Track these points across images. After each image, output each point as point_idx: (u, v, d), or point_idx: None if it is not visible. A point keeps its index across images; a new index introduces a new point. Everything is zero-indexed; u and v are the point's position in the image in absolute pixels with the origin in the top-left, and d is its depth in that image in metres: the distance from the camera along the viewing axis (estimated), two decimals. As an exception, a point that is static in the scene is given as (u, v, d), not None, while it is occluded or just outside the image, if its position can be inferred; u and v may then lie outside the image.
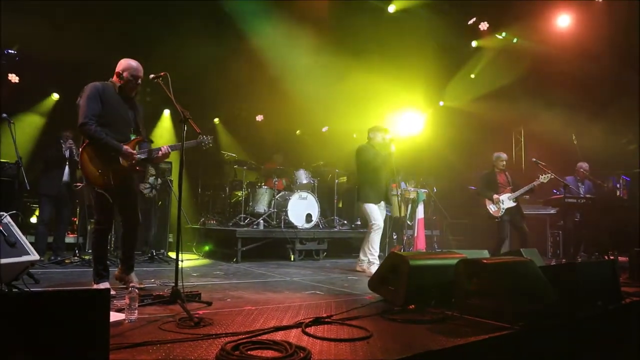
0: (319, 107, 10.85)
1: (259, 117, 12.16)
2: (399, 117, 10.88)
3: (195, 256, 8.20)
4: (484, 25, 9.74)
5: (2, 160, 7.08)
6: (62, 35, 7.45)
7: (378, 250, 6.28)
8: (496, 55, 10.14)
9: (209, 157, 9.53)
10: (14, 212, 4.18)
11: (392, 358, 2.28)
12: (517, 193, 6.99)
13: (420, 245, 8.33)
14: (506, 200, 6.99)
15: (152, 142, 7.46)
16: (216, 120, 11.68)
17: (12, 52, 8.60)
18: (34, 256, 4.03)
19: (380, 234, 6.19)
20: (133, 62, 4.10)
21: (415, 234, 8.44)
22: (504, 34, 9.92)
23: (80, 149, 4.01)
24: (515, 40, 9.88)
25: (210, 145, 4.19)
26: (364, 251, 6.24)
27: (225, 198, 9.09)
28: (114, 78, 4.10)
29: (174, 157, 8.27)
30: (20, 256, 3.86)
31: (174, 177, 7.32)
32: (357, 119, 11.45)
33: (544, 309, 3.14)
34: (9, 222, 3.98)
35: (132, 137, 4.12)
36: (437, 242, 10.37)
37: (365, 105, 10.68)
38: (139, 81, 4.10)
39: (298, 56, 9.14)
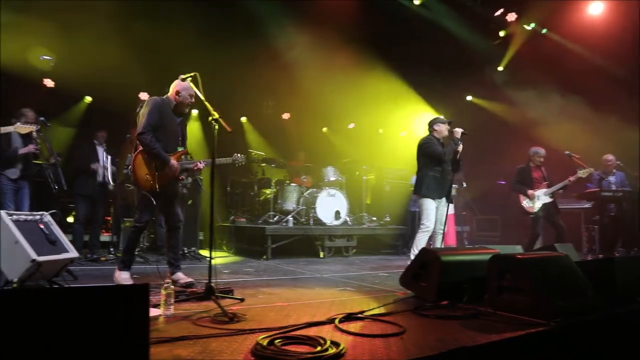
0: (345, 104, 10.83)
1: (286, 115, 12.21)
2: (425, 112, 10.80)
3: (225, 253, 8.31)
4: (511, 16, 9.54)
5: (38, 161, 7.31)
6: (94, 40, 7.63)
7: None
8: (524, 47, 9.92)
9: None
10: (54, 211, 4.33)
11: (426, 354, 2.27)
12: (554, 188, 6.83)
13: (451, 241, 8.22)
14: (542, 196, 6.84)
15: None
16: (243, 119, 11.79)
17: (48, 57, 8.85)
18: (73, 254, 4.18)
19: (428, 236, 5.83)
20: (185, 82, 4.34)
21: (445, 230, 8.34)
22: (532, 24, 9.68)
23: (134, 154, 4.31)
24: (544, 31, 9.64)
25: (243, 163, 4.51)
26: (412, 249, 5.96)
27: (254, 196, 9.17)
28: (172, 95, 4.39)
29: (203, 157, 8.43)
30: (60, 254, 4.00)
31: (204, 176, 7.43)
32: (383, 115, 11.42)
33: (581, 305, 3.08)
34: (50, 221, 4.13)
35: (179, 149, 4.43)
36: (467, 238, 10.25)
37: (391, 101, 10.62)
38: (193, 99, 4.40)
39: (323, 54, 9.14)
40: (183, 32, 7.84)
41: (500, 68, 10.56)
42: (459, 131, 5.85)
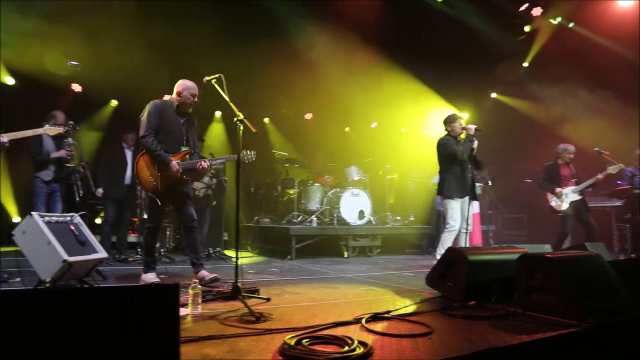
0: (367, 104, 10.79)
1: (308, 116, 12.23)
2: (448, 110, 10.68)
3: (250, 254, 8.36)
4: (537, 11, 9.35)
5: (70, 165, 7.47)
6: (118, 44, 7.76)
7: None
8: (550, 42, 9.71)
9: (260, 156, 9.67)
10: (83, 212, 4.42)
11: (455, 355, 2.25)
12: (582, 185, 6.68)
13: (476, 240, 8.12)
14: (570, 194, 6.70)
15: (203, 140, 7.69)
16: (266, 119, 11.85)
17: (74, 63, 9.05)
18: (102, 254, 4.26)
19: (454, 236, 5.75)
20: (190, 83, 4.50)
21: (471, 229, 8.24)
22: (559, 18, 9.48)
23: (138, 157, 4.46)
24: (571, 25, 9.43)
25: (253, 159, 4.51)
26: (437, 248, 5.88)
27: (278, 196, 9.21)
28: (174, 96, 4.50)
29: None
30: (90, 254, 4.09)
31: (228, 177, 7.50)
32: (406, 114, 11.34)
33: (613, 305, 3.00)
34: (79, 223, 4.22)
35: (182, 149, 4.49)
36: (492, 237, 10.11)
37: (413, 100, 10.54)
38: (196, 99, 4.49)
39: (344, 54, 9.12)
40: (206, 34, 7.91)
41: (525, 64, 10.38)
42: (472, 128, 5.80)
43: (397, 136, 12.42)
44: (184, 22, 7.77)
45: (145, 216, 4.54)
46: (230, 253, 7.87)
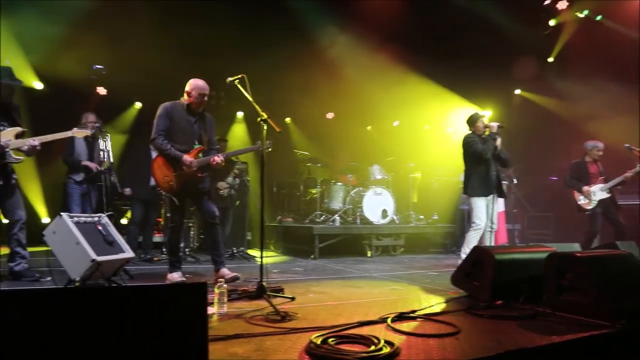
0: (389, 102, 10.73)
1: (330, 115, 12.22)
2: (471, 108, 10.55)
3: (273, 253, 8.40)
4: (562, 4, 9.15)
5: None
6: (140, 47, 7.88)
7: None
8: (576, 36, 9.49)
9: (283, 156, 9.72)
10: (111, 213, 4.50)
11: (482, 355, 2.21)
12: (611, 183, 6.52)
13: (502, 239, 7.99)
14: (598, 192, 6.54)
15: (226, 140, 7.74)
16: (288, 119, 11.88)
17: (99, 67, 9.22)
18: (129, 254, 4.33)
19: (479, 235, 5.67)
20: (200, 82, 4.54)
21: (496, 228, 8.12)
22: (585, 11, 9.25)
23: (153, 159, 4.58)
24: (598, 18, 9.19)
25: (270, 149, 4.38)
26: (462, 248, 5.81)
27: (300, 196, 9.22)
28: (185, 96, 4.55)
29: (249, 158, 8.57)
30: (118, 254, 4.15)
31: (251, 177, 7.54)
32: (428, 112, 11.23)
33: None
34: (107, 223, 4.30)
35: (195, 147, 4.53)
36: (518, 236, 9.94)
37: (436, 98, 10.44)
38: (205, 98, 4.52)
39: (366, 52, 9.09)
40: (227, 35, 7.98)
41: (550, 59, 10.17)
42: (494, 125, 5.73)
43: (420, 134, 12.31)
44: (207, 24, 7.85)
45: (169, 217, 4.59)
46: (254, 252, 7.92)
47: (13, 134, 4.45)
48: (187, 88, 4.53)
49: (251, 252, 7.89)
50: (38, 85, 8.58)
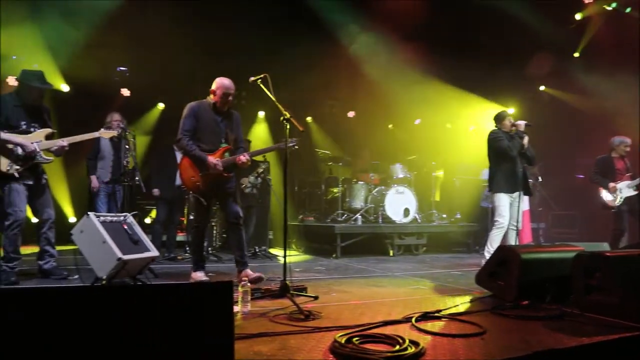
0: (411, 100, 10.65)
1: (351, 114, 12.19)
2: (495, 105, 10.41)
3: (295, 252, 8.42)
4: (590, -4, 8.94)
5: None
6: (162, 49, 7.97)
7: None
8: (604, 30, 9.26)
9: (304, 155, 9.74)
10: (135, 212, 4.57)
11: (509, 356, 2.18)
12: (638, 180, 6.36)
13: (526, 238, 7.87)
14: (625, 189, 6.39)
15: (249, 141, 7.79)
16: (309, 118, 11.89)
17: (123, 68, 9.37)
18: (154, 252, 4.39)
19: (502, 233, 5.61)
20: (226, 81, 4.53)
21: (520, 227, 8.00)
22: (614, 4, 9.01)
23: (180, 159, 4.61)
24: (628, 10, 8.94)
25: (296, 147, 4.36)
26: (486, 247, 5.75)
27: (321, 195, 9.22)
28: (211, 95, 4.56)
29: (271, 158, 8.59)
30: (143, 252, 4.21)
31: (273, 176, 7.57)
32: (450, 109, 11.12)
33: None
34: (132, 222, 4.36)
35: (222, 146, 4.53)
36: (542, 235, 9.78)
37: (458, 95, 10.33)
38: (230, 97, 4.52)
39: (387, 50, 9.04)
40: (248, 34, 8.01)
41: (576, 54, 9.96)
42: (521, 124, 5.63)
43: (442, 132, 12.20)
44: (229, 24, 7.89)
45: (193, 216, 4.63)
46: (276, 251, 7.95)
47: (43, 135, 4.58)
48: (212, 87, 4.54)
49: (273, 251, 7.94)
50: (65, 87, 8.76)
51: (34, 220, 5.08)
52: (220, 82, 4.51)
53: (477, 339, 2.45)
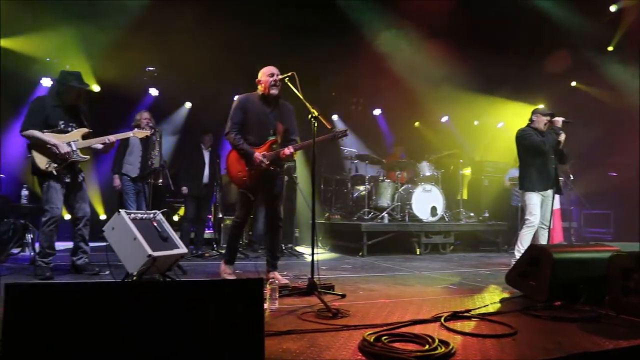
0: (437, 97, 10.55)
1: (377, 111, 12.13)
2: (524, 101, 10.21)
3: (321, 250, 8.42)
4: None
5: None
6: (188, 48, 8.06)
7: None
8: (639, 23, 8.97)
9: (330, 153, 9.74)
10: (165, 210, 4.64)
11: (542, 357, 2.13)
12: None
13: (557, 238, 7.69)
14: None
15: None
16: (334, 117, 11.88)
17: (151, 68, 9.52)
18: (183, 249, 4.44)
19: (533, 232, 5.49)
20: (266, 67, 4.44)
21: (551, 226, 7.83)
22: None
23: (228, 153, 4.52)
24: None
25: (345, 135, 4.21)
26: (516, 245, 5.64)
27: (347, 193, 9.20)
28: (258, 87, 4.48)
29: (297, 155, 8.62)
30: (172, 249, 4.27)
31: (300, 173, 7.58)
32: (478, 106, 10.96)
33: None
34: (162, 219, 4.42)
35: (269, 139, 4.39)
36: (574, 235, 9.55)
37: (486, 92, 10.17)
38: (274, 77, 4.35)
39: (413, 47, 8.95)
40: (272, 33, 8.04)
41: (610, 48, 9.67)
42: (559, 120, 5.48)
43: (470, 130, 12.05)
44: (254, 22, 7.94)
45: (236, 212, 4.56)
46: (301, 249, 7.97)
47: (80, 134, 4.72)
48: (258, 77, 4.46)
49: (299, 248, 7.96)
50: (96, 88, 8.95)
51: (67, 217, 5.22)
52: (262, 70, 4.43)
53: (508, 339, 2.41)
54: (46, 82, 8.85)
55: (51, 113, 4.63)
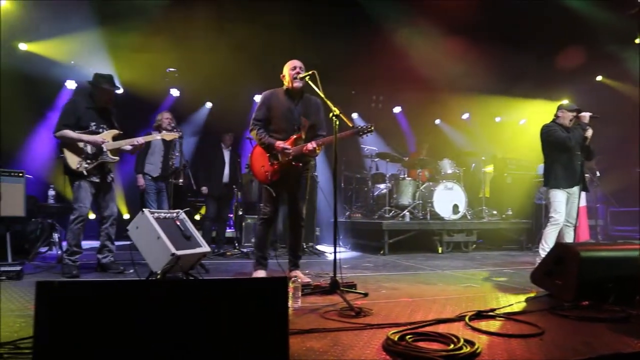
0: (458, 94, 10.43)
1: (397, 109, 12.06)
2: (546, 97, 10.03)
3: (342, 249, 8.40)
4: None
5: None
6: (207, 49, 8.12)
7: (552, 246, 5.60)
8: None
9: (350, 151, 9.71)
10: (187, 209, 4.68)
11: (572, 358, 2.09)
12: None
13: (584, 236, 7.53)
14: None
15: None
16: (354, 114, 11.85)
17: (172, 69, 9.62)
18: (206, 248, 4.48)
19: (557, 230, 5.35)
20: (289, 61, 4.38)
21: (577, 224, 7.67)
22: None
23: (252, 149, 4.52)
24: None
25: (371, 131, 4.16)
26: (540, 244, 5.50)
27: (368, 191, 9.17)
28: (283, 82, 4.43)
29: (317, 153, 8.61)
30: (195, 248, 4.31)
31: (320, 172, 7.58)
32: (500, 103, 10.81)
33: None
34: (184, 219, 4.47)
35: (294, 135, 4.32)
36: (600, 233, 9.34)
37: (507, 88, 10.01)
38: (297, 69, 4.28)
39: (432, 44, 8.85)
40: (291, 31, 8.04)
41: (637, 41, 9.40)
42: (586, 115, 5.34)
43: (492, 127, 11.89)
44: (272, 22, 7.95)
45: (261, 208, 4.54)
46: (322, 248, 7.97)
47: (111, 136, 4.82)
48: (282, 73, 4.41)
49: (320, 247, 7.96)
50: (119, 90, 9.08)
51: (91, 216, 5.32)
52: (286, 63, 4.39)
53: (535, 339, 2.36)
54: (70, 84, 9.02)
55: (83, 114, 4.75)
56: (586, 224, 7.80)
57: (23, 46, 7.91)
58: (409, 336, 2.27)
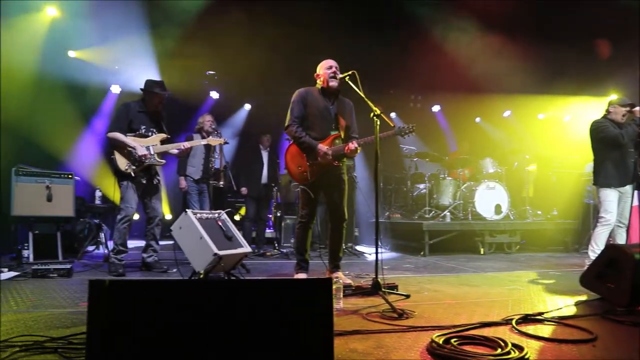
0: (498, 91, 10.17)
1: (435, 108, 11.89)
2: (591, 92, 9.65)
3: (381, 250, 8.34)
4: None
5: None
6: (245, 51, 8.21)
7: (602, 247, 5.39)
8: None
9: (389, 151, 9.63)
10: (229, 210, 4.75)
11: (628, 365, 2.00)
12: None
13: (636, 237, 7.20)
14: None
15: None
16: (393, 114, 11.75)
17: (212, 72, 9.79)
18: (247, 248, 4.53)
19: (608, 231, 5.14)
20: (324, 60, 4.36)
21: (629, 224, 7.33)
22: None
23: (286, 148, 4.44)
24: None
25: (412, 131, 4.09)
26: (590, 245, 5.29)
27: (407, 191, 9.07)
28: (317, 81, 4.40)
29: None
30: (236, 248, 4.36)
31: (359, 172, 7.54)
32: (542, 100, 10.49)
33: None
34: (226, 219, 4.53)
35: (332, 134, 4.28)
36: (652, 233, 8.91)
37: (550, 84, 9.68)
38: (333, 69, 4.26)
39: (472, 41, 8.67)
40: (329, 31, 8.04)
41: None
42: (639, 110, 5.09)
43: (534, 124, 11.54)
44: (309, 22, 7.97)
45: (299, 211, 4.51)
46: (361, 248, 7.94)
47: (159, 139, 4.98)
48: (316, 73, 4.39)
49: (359, 248, 7.93)
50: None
51: (136, 217, 5.47)
52: (321, 63, 4.36)
53: (587, 345, 2.28)
54: (115, 89, 9.31)
55: (135, 118, 4.92)
56: (638, 225, 7.46)
57: (72, 54, 8.21)
58: (454, 339, 2.23)
